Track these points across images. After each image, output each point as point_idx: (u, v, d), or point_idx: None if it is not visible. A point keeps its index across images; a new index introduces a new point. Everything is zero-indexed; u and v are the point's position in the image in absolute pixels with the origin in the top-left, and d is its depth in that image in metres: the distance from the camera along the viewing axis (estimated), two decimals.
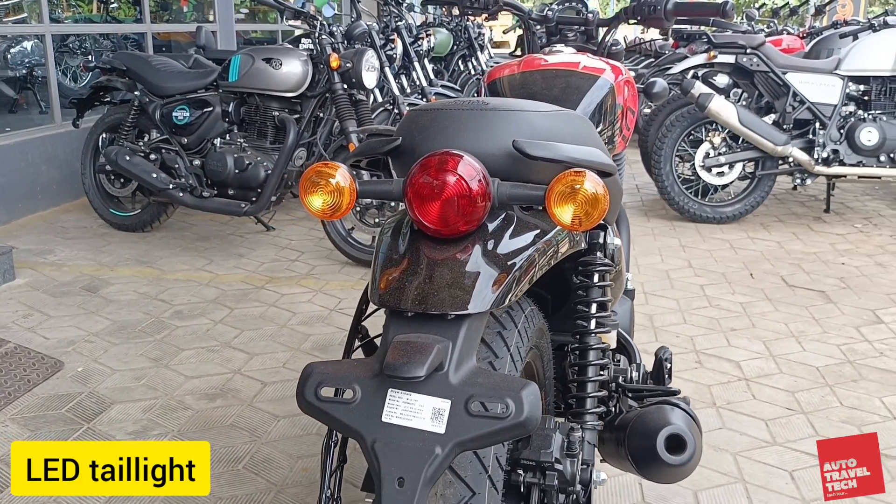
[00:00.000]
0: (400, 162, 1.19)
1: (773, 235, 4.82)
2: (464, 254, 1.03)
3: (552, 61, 1.99)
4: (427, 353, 0.92)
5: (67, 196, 5.21)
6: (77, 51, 6.24)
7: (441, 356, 0.94)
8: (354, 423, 0.94)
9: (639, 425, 1.43)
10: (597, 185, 1.01)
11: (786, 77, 4.79)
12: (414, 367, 0.90)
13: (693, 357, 3.05)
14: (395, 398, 0.93)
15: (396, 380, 0.92)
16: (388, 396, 0.94)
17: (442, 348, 0.94)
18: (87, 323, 3.29)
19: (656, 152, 5.02)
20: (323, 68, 4.03)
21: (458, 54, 7.74)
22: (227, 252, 4.33)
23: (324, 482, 1.13)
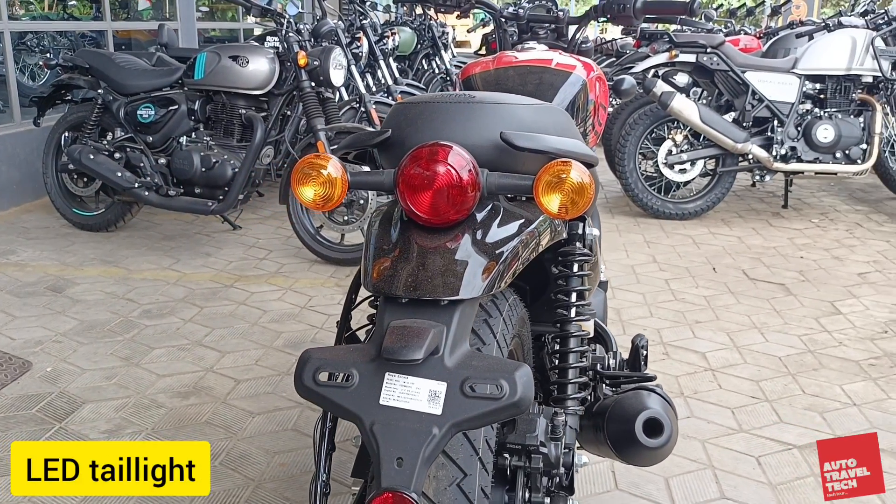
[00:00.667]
0: (388, 154, 1.21)
1: (734, 231, 4.93)
2: (455, 242, 1.06)
3: (525, 58, 2.03)
4: (424, 337, 0.94)
5: (28, 196, 5.12)
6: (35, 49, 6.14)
7: (437, 340, 0.96)
8: (353, 406, 0.96)
9: (617, 410, 1.47)
10: (583, 175, 1.04)
11: (745, 76, 4.90)
12: (412, 351, 0.93)
13: (660, 349, 3.12)
14: (392, 381, 0.96)
15: (394, 363, 0.95)
16: (386, 380, 0.96)
17: (437, 332, 0.97)
18: (54, 323, 3.25)
19: (620, 150, 5.10)
20: (290, 66, 4.02)
21: (422, 53, 7.77)
22: (194, 251, 4.30)
23: (318, 469, 1.15)
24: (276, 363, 2.91)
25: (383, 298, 1.05)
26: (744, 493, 2.16)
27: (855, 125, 4.93)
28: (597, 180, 1.56)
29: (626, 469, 2.27)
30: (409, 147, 1.09)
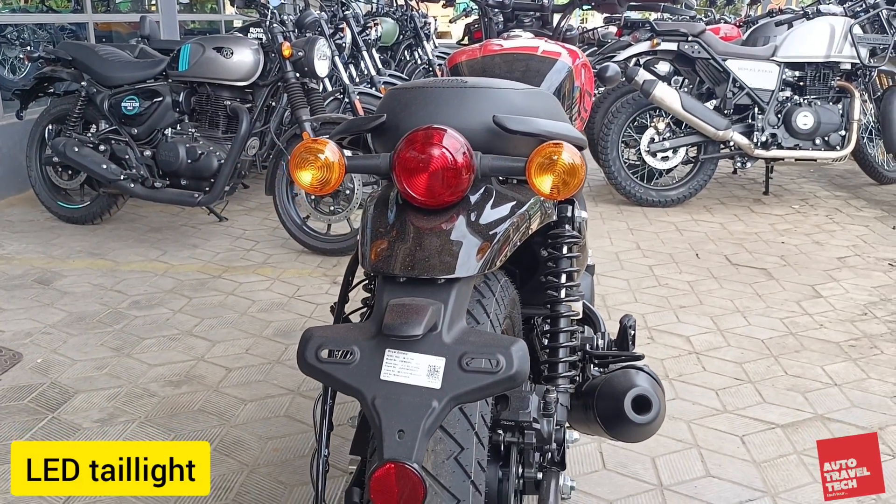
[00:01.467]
0: (383, 139, 1.24)
1: (716, 217, 4.99)
2: (450, 223, 1.09)
3: (511, 46, 2.06)
4: (423, 313, 0.98)
5: (11, 189, 5.10)
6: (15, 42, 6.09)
7: (435, 317, 1.00)
8: (354, 381, 0.99)
9: (606, 389, 1.51)
10: (574, 156, 1.08)
11: (726, 64, 4.96)
12: (411, 327, 0.96)
13: (645, 333, 3.17)
14: (392, 357, 0.99)
15: (393, 340, 0.98)
16: (386, 356, 0.99)
17: (435, 309, 1.00)
18: (43, 315, 3.26)
19: (603, 139, 5.15)
20: (274, 57, 4.03)
21: (405, 44, 7.77)
22: (181, 243, 4.31)
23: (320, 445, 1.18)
24: (266, 352, 2.93)
25: (381, 278, 1.08)
26: (728, 471, 2.22)
27: (834, 112, 5.00)
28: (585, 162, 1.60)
29: (613, 449, 2.31)
30: (403, 131, 1.12)
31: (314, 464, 1.18)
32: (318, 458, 1.18)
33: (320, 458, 1.17)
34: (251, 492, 2.09)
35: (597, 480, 2.18)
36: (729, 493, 2.12)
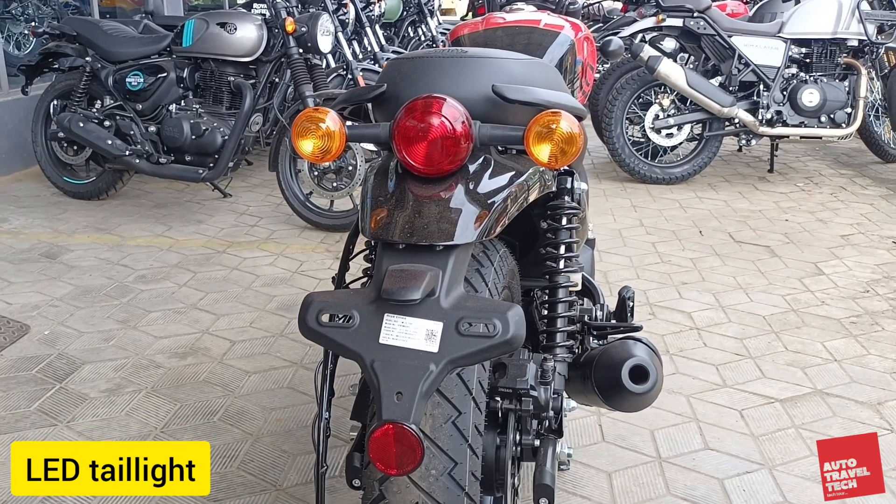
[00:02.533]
0: (383, 109, 1.25)
1: (721, 195, 4.99)
2: (449, 191, 1.10)
3: (513, 19, 2.06)
4: (421, 279, 0.99)
5: (17, 165, 5.12)
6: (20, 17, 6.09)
7: (433, 282, 1.01)
8: (354, 345, 1.01)
9: (604, 358, 1.53)
10: (572, 125, 1.09)
11: (731, 40, 4.93)
12: (410, 292, 0.98)
13: (647, 309, 3.19)
14: (391, 322, 1.01)
15: (392, 304, 1.00)
16: (385, 320, 1.01)
17: (433, 275, 1.02)
18: (50, 288, 3.29)
19: (606, 115, 5.14)
20: (278, 33, 4.02)
21: (408, 20, 7.73)
22: (186, 218, 4.33)
23: (321, 409, 1.20)
24: (269, 325, 2.96)
25: (381, 245, 1.09)
26: (727, 444, 2.24)
27: (840, 89, 4.98)
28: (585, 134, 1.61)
29: (612, 422, 2.34)
30: (403, 101, 1.13)
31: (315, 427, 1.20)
32: (319, 421, 1.20)
33: (321, 422, 1.20)
34: (255, 460, 2.13)
35: (596, 452, 2.20)
36: (727, 466, 2.14)
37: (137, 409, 2.37)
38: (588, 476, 2.10)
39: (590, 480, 2.08)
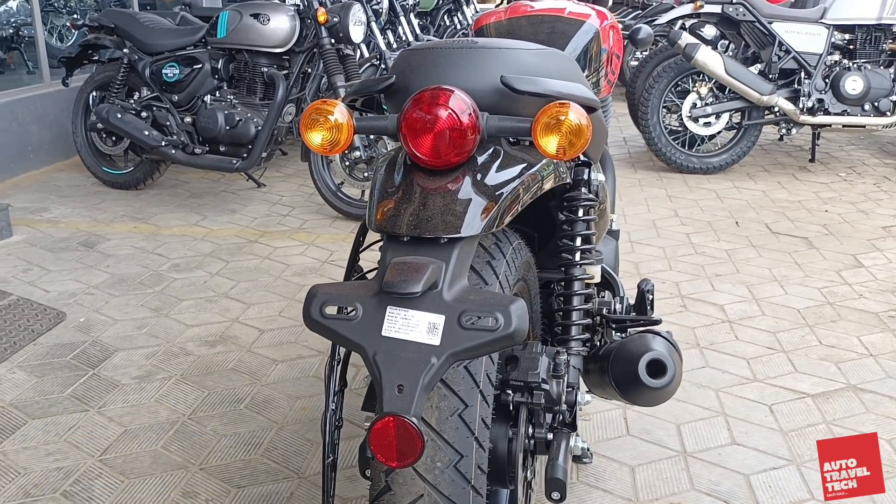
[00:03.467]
0: (394, 100, 1.25)
1: (759, 185, 4.89)
2: (455, 183, 1.09)
3: (538, 7, 2.04)
4: (422, 272, 0.99)
5: (59, 155, 5.23)
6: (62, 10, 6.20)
7: (435, 275, 1.01)
8: (356, 337, 1.02)
9: (622, 352, 1.51)
10: (580, 116, 1.07)
11: (771, 27, 4.82)
12: (410, 285, 0.97)
13: (678, 301, 3.14)
14: (393, 314, 1.01)
15: (395, 297, 1.00)
16: (388, 313, 1.01)
17: (436, 268, 1.02)
18: (87, 276, 3.36)
19: (643, 104, 5.06)
20: (310, 23, 4.04)
21: (444, 9, 7.70)
22: (220, 208, 4.38)
23: (328, 400, 1.21)
24: (298, 314, 2.98)
25: (386, 237, 1.09)
26: (754, 439, 2.20)
27: (885, 76, 4.84)
28: (603, 126, 1.59)
29: (637, 415, 2.32)
30: (412, 92, 1.13)
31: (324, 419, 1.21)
32: (326, 411, 1.21)
33: (327, 412, 1.20)
34: (279, 448, 2.15)
35: (619, 446, 2.19)
36: (753, 461, 2.11)
37: (167, 396, 2.41)
38: (611, 470, 2.08)
39: (612, 474, 2.07)
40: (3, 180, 4.80)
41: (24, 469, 2.05)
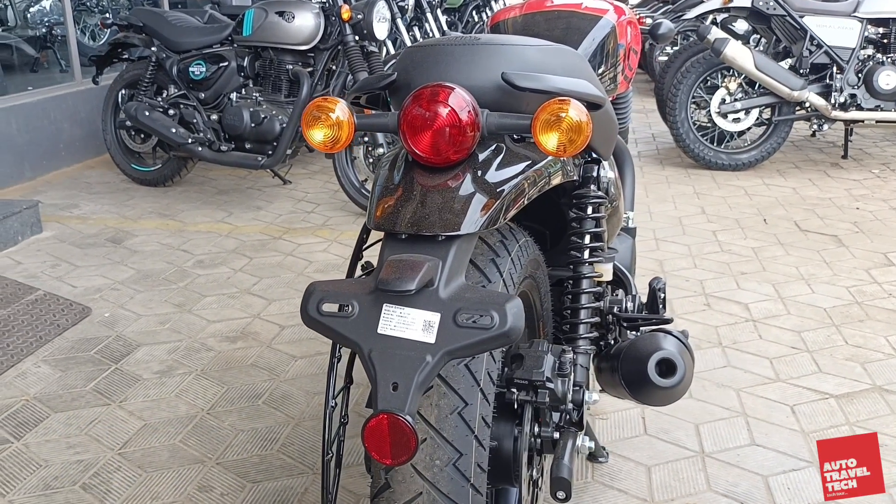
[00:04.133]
0: (396, 97, 1.24)
1: (789, 181, 4.81)
2: (455, 181, 1.09)
3: (555, 3, 2.02)
4: (418, 269, 0.99)
5: (90, 152, 5.31)
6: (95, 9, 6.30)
7: (431, 273, 1.00)
8: (352, 334, 1.02)
9: (632, 351, 1.50)
10: (580, 113, 1.06)
11: (803, 20, 4.73)
12: (405, 282, 0.97)
13: (702, 300, 3.11)
14: (389, 312, 1.01)
15: (390, 294, 0.99)
16: (384, 310, 1.01)
17: (432, 266, 1.01)
18: (113, 272, 3.41)
19: (671, 99, 5.01)
20: (335, 20, 4.05)
21: (472, 5, 7.67)
22: (246, 205, 4.42)
23: (328, 396, 1.21)
24: None
25: (385, 235, 1.09)
26: (774, 440, 2.17)
27: None
28: (612, 122, 1.57)
29: (655, 414, 2.29)
30: (413, 89, 1.12)
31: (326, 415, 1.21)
32: (326, 408, 1.21)
33: (327, 409, 1.21)
34: (295, 443, 2.16)
35: (637, 445, 2.16)
36: (772, 462, 2.07)
37: (186, 391, 2.44)
38: (627, 469, 2.07)
39: (628, 474, 2.05)
40: (36, 177, 4.89)
41: (45, 461, 2.09)
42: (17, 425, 2.25)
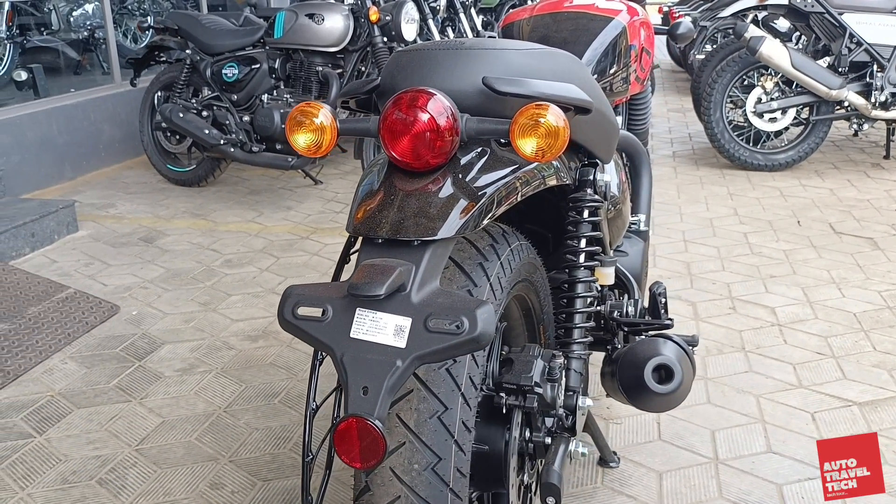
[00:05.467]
0: (382, 101, 1.25)
1: (827, 182, 4.70)
2: (434, 185, 1.09)
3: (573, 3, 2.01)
4: (388, 274, 0.99)
5: (129, 153, 5.43)
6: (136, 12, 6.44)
7: (403, 278, 1.01)
8: (326, 338, 1.03)
9: (630, 356, 1.48)
10: (558, 118, 1.05)
11: (842, 18, 4.62)
12: (374, 287, 0.97)
13: (727, 303, 3.05)
14: (362, 316, 1.01)
15: (362, 299, 1.00)
16: (356, 314, 1.02)
17: (405, 271, 1.01)
18: (143, 271, 3.48)
19: (706, 98, 4.93)
20: (364, 22, 4.08)
21: (508, 4, 7.65)
22: (277, 205, 4.48)
23: (309, 396, 1.23)
24: None
25: (363, 239, 1.10)
26: (792, 448, 2.13)
27: None
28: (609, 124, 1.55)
29: (671, 419, 2.26)
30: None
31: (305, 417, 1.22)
32: (307, 409, 1.22)
33: (308, 411, 1.22)
34: None
35: (650, 451, 2.14)
36: (788, 471, 2.03)
37: (206, 389, 2.48)
38: (638, 475, 2.04)
39: (639, 480, 2.02)
40: (76, 177, 5.01)
41: (65, 456, 2.14)
42: (40, 420, 2.31)
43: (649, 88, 2.45)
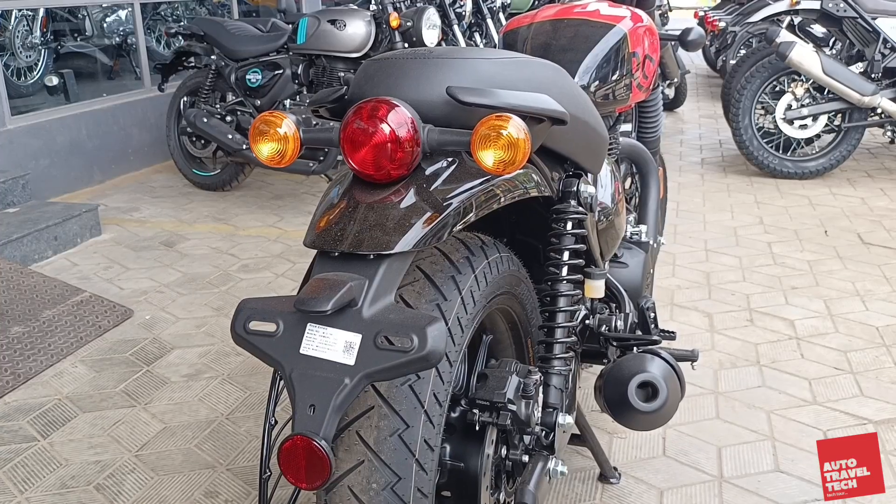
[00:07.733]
0: None
1: (858, 191, 4.58)
2: (395, 196, 1.06)
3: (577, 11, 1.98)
4: (337, 289, 0.97)
5: (157, 157, 5.50)
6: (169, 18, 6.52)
7: (352, 293, 0.98)
8: (276, 354, 1.01)
9: (615, 372, 1.44)
10: (519, 130, 1.02)
11: (875, 22, 4.50)
12: (321, 302, 0.95)
13: (745, 315, 2.98)
14: (312, 332, 0.99)
15: (313, 314, 0.98)
16: (307, 330, 1.00)
17: (356, 286, 0.99)
18: (161, 275, 3.51)
19: (734, 105, 4.84)
20: (385, 28, 4.08)
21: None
22: (298, 209, 4.49)
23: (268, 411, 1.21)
24: None
25: (318, 252, 1.08)
26: (800, 467, 2.06)
27: None
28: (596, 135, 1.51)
29: (677, 435, 2.21)
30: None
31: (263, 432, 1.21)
32: (266, 424, 1.21)
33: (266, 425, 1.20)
34: None
35: (653, 467, 2.09)
36: (794, 491, 1.97)
37: (210, 396, 2.49)
38: (638, 492, 1.99)
39: (639, 497, 1.97)
40: (105, 181, 5.09)
41: (65, 460, 2.16)
42: (45, 424, 2.34)
43: (659, 96, 2.39)
